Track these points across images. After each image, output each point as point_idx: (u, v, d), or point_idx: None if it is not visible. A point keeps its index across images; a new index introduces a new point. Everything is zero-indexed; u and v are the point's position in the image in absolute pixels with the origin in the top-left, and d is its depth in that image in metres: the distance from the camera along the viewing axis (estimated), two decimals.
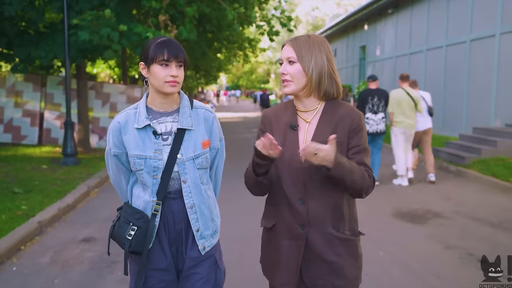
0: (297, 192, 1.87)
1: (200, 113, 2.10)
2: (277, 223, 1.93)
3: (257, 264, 2.17)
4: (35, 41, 9.39)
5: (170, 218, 2.02)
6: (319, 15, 50.03)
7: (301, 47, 1.89)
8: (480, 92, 11.25)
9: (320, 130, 1.89)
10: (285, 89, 1.92)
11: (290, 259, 1.89)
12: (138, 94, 11.68)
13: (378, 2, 16.86)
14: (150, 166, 1.97)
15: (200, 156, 2.05)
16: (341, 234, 1.89)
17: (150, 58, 1.94)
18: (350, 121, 1.89)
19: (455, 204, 6.52)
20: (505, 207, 6.38)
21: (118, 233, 2.02)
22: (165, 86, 1.94)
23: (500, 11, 10.48)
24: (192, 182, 2.02)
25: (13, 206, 5.66)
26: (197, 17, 9.38)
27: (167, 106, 2.04)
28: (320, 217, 1.86)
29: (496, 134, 9.52)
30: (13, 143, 11.10)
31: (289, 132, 1.92)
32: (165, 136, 2.01)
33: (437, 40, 13.56)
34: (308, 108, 1.95)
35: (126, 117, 2.03)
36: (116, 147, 2.04)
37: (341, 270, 1.88)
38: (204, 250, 2.05)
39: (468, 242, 4.88)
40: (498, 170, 7.99)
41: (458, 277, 4.00)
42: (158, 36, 2.02)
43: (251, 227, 4.24)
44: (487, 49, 10.98)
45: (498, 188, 7.42)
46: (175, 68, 1.94)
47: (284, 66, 1.91)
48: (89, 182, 7.31)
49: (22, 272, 4.02)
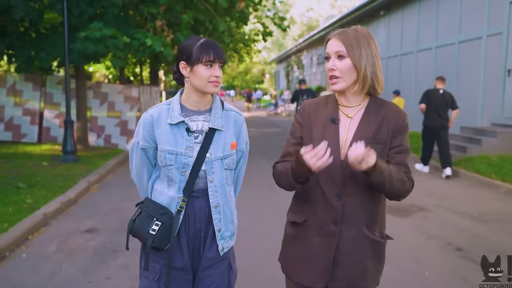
0: (334, 188, 1.80)
1: (230, 115, 2.13)
2: (308, 218, 1.87)
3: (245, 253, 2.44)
4: (35, 43, 9.67)
5: (191, 216, 2.03)
6: (314, 16, 50.41)
7: (351, 40, 1.79)
8: (468, 92, 11.62)
9: (363, 126, 1.83)
10: (335, 86, 1.82)
11: (320, 257, 1.83)
12: (136, 94, 11.95)
13: (370, 4, 17.22)
14: (180, 162, 1.99)
15: (228, 157, 2.07)
16: (373, 235, 1.84)
17: (194, 58, 1.95)
18: (396, 120, 1.83)
19: (439, 199, 6.86)
20: (486, 201, 6.73)
21: (139, 228, 2.01)
22: (208, 86, 1.98)
23: (486, 14, 10.85)
24: (218, 182, 2.04)
25: (19, 199, 5.95)
26: (192, 24, 9.70)
27: (201, 105, 2.07)
28: (355, 215, 1.81)
29: (482, 133, 9.88)
30: (13, 141, 11.36)
31: (329, 125, 1.85)
32: (196, 134, 2.04)
33: (427, 42, 13.92)
34: (351, 103, 1.87)
35: (159, 112, 2.04)
36: (145, 140, 2.05)
37: (364, 271, 1.85)
38: (223, 251, 2.06)
39: (448, 233, 5.21)
40: (482, 167, 8.34)
41: (435, 262, 4.33)
42: (196, 37, 2.05)
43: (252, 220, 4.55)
44: (475, 51, 11.35)
45: (481, 184, 7.78)
46: (218, 69, 1.99)
47: (333, 61, 1.80)
48: (89, 178, 7.59)
49: (31, 258, 4.31)
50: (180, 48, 2.04)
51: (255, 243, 4.72)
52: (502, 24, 10.21)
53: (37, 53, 9.50)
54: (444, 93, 8.60)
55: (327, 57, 1.84)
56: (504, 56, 10.14)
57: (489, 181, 7.66)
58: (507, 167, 7.93)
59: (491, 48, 10.68)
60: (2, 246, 4.35)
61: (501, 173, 7.77)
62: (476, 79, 11.28)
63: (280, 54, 43.94)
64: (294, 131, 1.96)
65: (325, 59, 1.86)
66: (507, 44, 10.07)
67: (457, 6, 12.12)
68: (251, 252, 4.40)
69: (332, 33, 1.85)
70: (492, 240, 4.95)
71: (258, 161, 9.70)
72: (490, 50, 10.75)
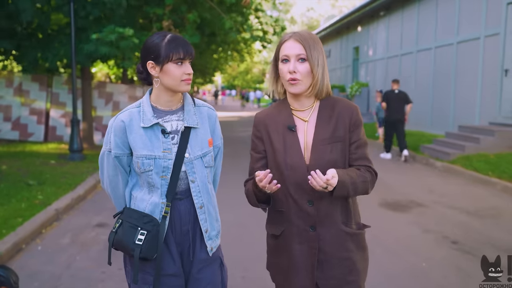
0: (305, 194, 1.82)
1: (203, 111, 2.06)
2: (286, 229, 1.89)
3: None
4: (42, 44, 9.89)
5: (177, 219, 1.96)
6: (314, 16, 50.57)
7: (309, 44, 1.81)
8: (466, 91, 11.82)
9: (320, 128, 1.85)
10: (294, 89, 1.82)
11: (304, 262, 1.86)
12: (140, 94, 12.19)
13: (370, 5, 17.41)
14: (160, 166, 1.90)
15: (208, 154, 2.01)
16: (350, 229, 1.88)
17: (163, 56, 1.86)
18: (350, 116, 1.86)
19: (437, 195, 7.06)
20: (482, 198, 6.94)
21: (123, 240, 1.90)
22: (181, 84, 1.90)
23: (484, 15, 11.05)
24: (200, 181, 1.98)
25: (30, 196, 6.16)
26: (198, 23, 9.92)
27: (172, 104, 1.98)
28: (330, 216, 1.84)
29: (480, 132, 10.08)
30: (20, 140, 11.60)
31: (288, 134, 1.86)
32: (172, 135, 1.96)
33: (427, 42, 14.12)
34: (304, 106, 1.89)
35: (130, 116, 1.94)
36: (118, 148, 1.94)
37: (353, 265, 1.88)
38: (212, 251, 2.02)
39: (444, 227, 5.42)
40: (480, 165, 8.54)
41: (432, 254, 4.54)
42: (161, 33, 1.95)
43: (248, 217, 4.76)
44: (473, 51, 11.55)
45: (478, 182, 7.98)
46: (189, 66, 1.91)
47: (294, 64, 1.80)
48: (96, 176, 7.79)
49: (46, 250, 4.53)
50: (145, 46, 1.92)
51: (237, 235, 4.94)
52: (499, 25, 10.41)
53: (44, 54, 9.72)
54: (398, 93, 10.45)
55: (284, 59, 1.82)
56: (502, 56, 10.34)
57: (486, 179, 7.85)
58: (504, 165, 8.13)
59: (489, 49, 10.88)
60: (18, 239, 4.56)
61: (498, 170, 7.97)
62: (474, 79, 11.49)
63: None
64: (255, 147, 1.96)
65: (281, 61, 1.84)
66: (504, 45, 10.27)
67: (456, 7, 12.33)
68: (236, 244, 4.61)
69: (287, 35, 1.85)
70: (486, 234, 5.15)
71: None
72: (487, 50, 10.95)
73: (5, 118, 11.59)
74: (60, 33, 10.18)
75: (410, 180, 8.25)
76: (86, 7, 9.17)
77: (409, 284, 3.88)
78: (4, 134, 11.55)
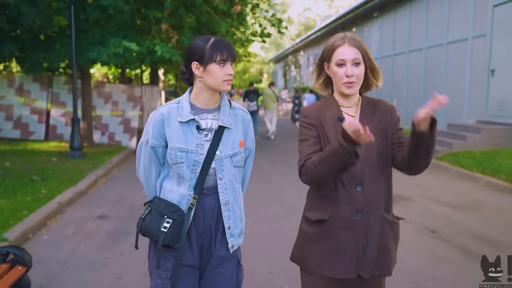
0: (354, 179, 1.91)
1: (238, 113, 2.15)
2: (332, 214, 1.95)
3: None
4: (44, 46, 10.22)
5: (201, 214, 2.04)
6: (311, 16, 50.91)
7: (363, 47, 1.95)
8: (456, 90, 12.17)
9: (365, 121, 1.93)
10: (351, 90, 1.95)
11: (350, 248, 1.92)
12: (138, 93, 12.50)
13: (364, 6, 17.77)
14: (191, 160, 2.00)
15: (238, 155, 2.10)
16: (391, 218, 2.00)
17: (207, 57, 1.97)
18: (390, 113, 2.03)
19: (422, 190, 7.41)
20: (466, 192, 7.28)
21: (150, 226, 2.00)
22: (223, 84, 2.00)
23: (472, 17, 11.41)
24: (228, 179, 2.06)
25: (35, 190, 6.48)
26: (195, 26, 10.25)
27: (210, 103, 2.08)
28: (375, 202, 1.94)
29: (467, 129, 10.44)
30: (22, 138, 11.91)
31: (338, 124, 1.94)
32: (206, 132, 2.05)
33: (418, 43, 14.47)
34: (351, 103, 2.03)
35: (169, 110, 2.05)
36: (155, 138, 2.05)
37: (388, 252, 1.98)
38: (233, 248, 2.08)
39: (426, 219, 5.76)
40: (466, 161, 8.89)
41: (411, 242, 4.89)
42: (204, 36, 2.08)
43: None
44: (461, 52, 11.90)
45: (463, 177, 8.33)
46: (230, 67, 2.02)
47: (351, 68, 1.92)
48: (97, 172, 8.12)
49: (52, 240, 4.86)
50: (191, 48, 2.05)
51: (252, 226, 5.27)
52: (485, 27, 10.77)
53: (46, 55, 10.05)
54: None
55: (340, 64, 1.94)
56: (488, 57, 10.70)
57: (471, 174, 8.20)
58: (488, 161, 8.48)
59: (476, 49, 11.24)
60: (25, 229, 4.89)
61: (481, 166, 8.32)
62: (462, 78, 11.84)
63: (278, 54, 44.47)
64: (307, 133, 2.01)
65: (338, 65, 1.95)
66: (490, 45, 10.62)
67: (445, 9, 12.68)
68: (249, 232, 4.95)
69: (340, 39, 1.97)
70: (465, 224, 5.49)
71: (256, 156, 10.22)
72: (475, 51, 11.30)
73: (7, 117, 11.90)
74: (61, 34, 10.50)
75: (399, 175, 8.50)
76: (86, 10, 9.49)
77: None
78: (5, 133, 11.86)
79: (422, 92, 14.09)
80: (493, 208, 6.24)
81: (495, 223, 5.53)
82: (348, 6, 28.53)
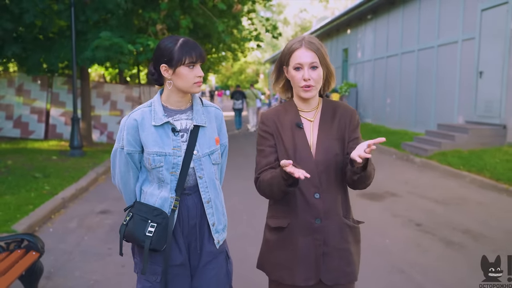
0: (312, 187, 1.91)
1: (211, 111, 2.16)
2: (292, 221, 1.95)
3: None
4: (45, 46, 10.48)
5: (185, 213, 2.05)
6: (307, 17, 51.26)
7: (321, 51, 1.93)
8: (446, 92, 12.51)
9: (324, 126, 1.98)
10: (308, 94, 1.93)
11: (309, 254, 1.92)
12: (136, 94, 12.78)
13: (358, 8, 18.08)
14: (170, 163, 2.00)
15: (215, 152, 2.11)
16: (350, 222, 2.01)
17: (176, 60, 1.95)
18: (350, 117, 2.01)
19: (411, 187, 7.72)
20: (451, 189, 7.59)
21: (134, 231, 2.00)
22: (193, 86, 2.00)
23: (461, 20, 11.74)
24: (208, 177, 2.08)
25: (38, 186, 6.75)
26: (191, 28, 10.54)
27: (182, 104, 2.08)
28: (334, 208, 1.95)
29: (456, 130, 10.77)
30: (22, 137, 12.18)
31: (296, 131, 1.96)
32: (181, 133, 2.05)
33: (410, 45, 14.80)
34: (311, 107, 2.01)
35: (142, 115, 2.03)
36: (130, 145, 2.04)
37: (350, 257, 1.97)
38: (219, 244, 2.12)
39: (412, 213, 6.06)
40: (453, 160, 9.21)
41: (396, 233, 5.19)
42: (173, 36, 2.02)
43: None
44: (451, 54, 12.24)
45: (451, 175, 8.64)
46: (200, 68, 2.00)
47: (308, 72, 1.90)
48: (97, 170, 8.40)
49: (57, 232, 5.13)
50: (159, 49, 2.01)
51: (247, 221, 5.56)
52: (474, 30, 11.10)
53: (46, 56, 10.31)
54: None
55: (297, 67, 1.91)
56: (477, 59, 11.03)
57: (458, 172, 8.52)
58: (474, 160, 8.81)
59: (466, 52, 11.57)
60: (32, 222, 5.17)
61: (468, 165, 8.64)
62: (452, 80, 12.17)
63: (274, 55, 44.74)
64: (264, 142, 2.00)
65: (293, 69, 1.93)
66: (479, 48, 10.96)
67: (436, 12, 13.01)
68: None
69: (297, 42, 1.95)
70: (448, 218, 5.80)
71: (249, 151, 10.52)
72: (464, 53, 11.64)
73: (7, 116, 12.16)
74: (61, 35, 10.77)
75: (389, 174, 8.90)
76: (86, 12, 9.76)
77: (372, 259, 4.50)
78: (6, 132, 12.12)
79: (414, 94, 14.42)
80: (476, 204, 6.55)
81: (477, 217, 5.84)
82: (344, 8, 28.83)
